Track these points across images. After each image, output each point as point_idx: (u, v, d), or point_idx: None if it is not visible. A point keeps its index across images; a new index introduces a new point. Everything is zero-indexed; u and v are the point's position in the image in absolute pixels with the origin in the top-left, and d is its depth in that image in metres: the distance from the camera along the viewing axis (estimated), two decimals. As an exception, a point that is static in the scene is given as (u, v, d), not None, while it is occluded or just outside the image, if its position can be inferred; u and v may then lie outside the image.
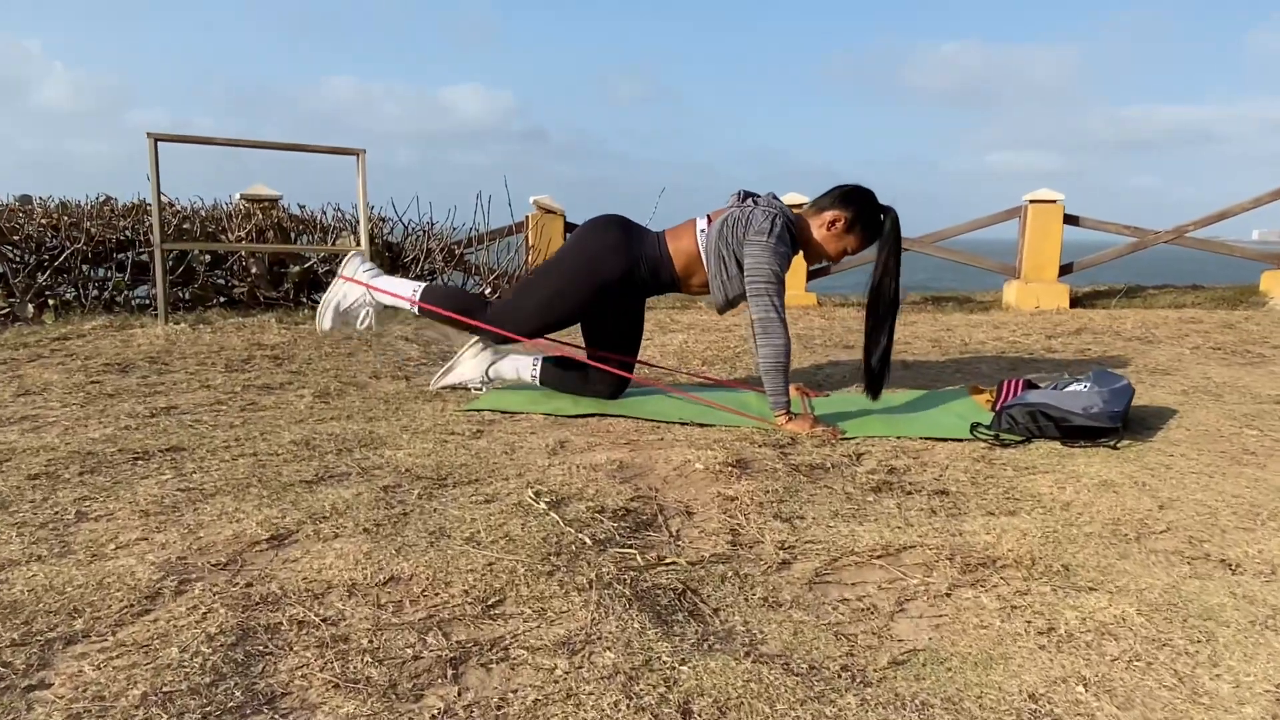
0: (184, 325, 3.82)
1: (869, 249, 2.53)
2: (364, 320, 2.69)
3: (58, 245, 4.52)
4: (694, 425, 2.39)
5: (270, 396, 2.63)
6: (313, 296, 4.89)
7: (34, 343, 3.41)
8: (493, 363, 2.77)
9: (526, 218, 6.29)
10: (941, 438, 2.27)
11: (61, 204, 4.85)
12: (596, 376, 2.66)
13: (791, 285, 5.88)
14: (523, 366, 2.76)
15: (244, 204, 5.27)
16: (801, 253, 2.54)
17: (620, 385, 2.67)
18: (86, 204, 4.90)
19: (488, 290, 5.43)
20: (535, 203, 6.25)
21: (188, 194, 6.77)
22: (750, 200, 2.48)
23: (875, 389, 2.55)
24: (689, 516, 1.66)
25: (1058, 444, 2.20)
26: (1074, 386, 2.37)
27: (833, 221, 2.47)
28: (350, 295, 2.68)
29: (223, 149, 4.36)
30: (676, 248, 2.52)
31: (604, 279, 2.51)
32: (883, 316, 2.49)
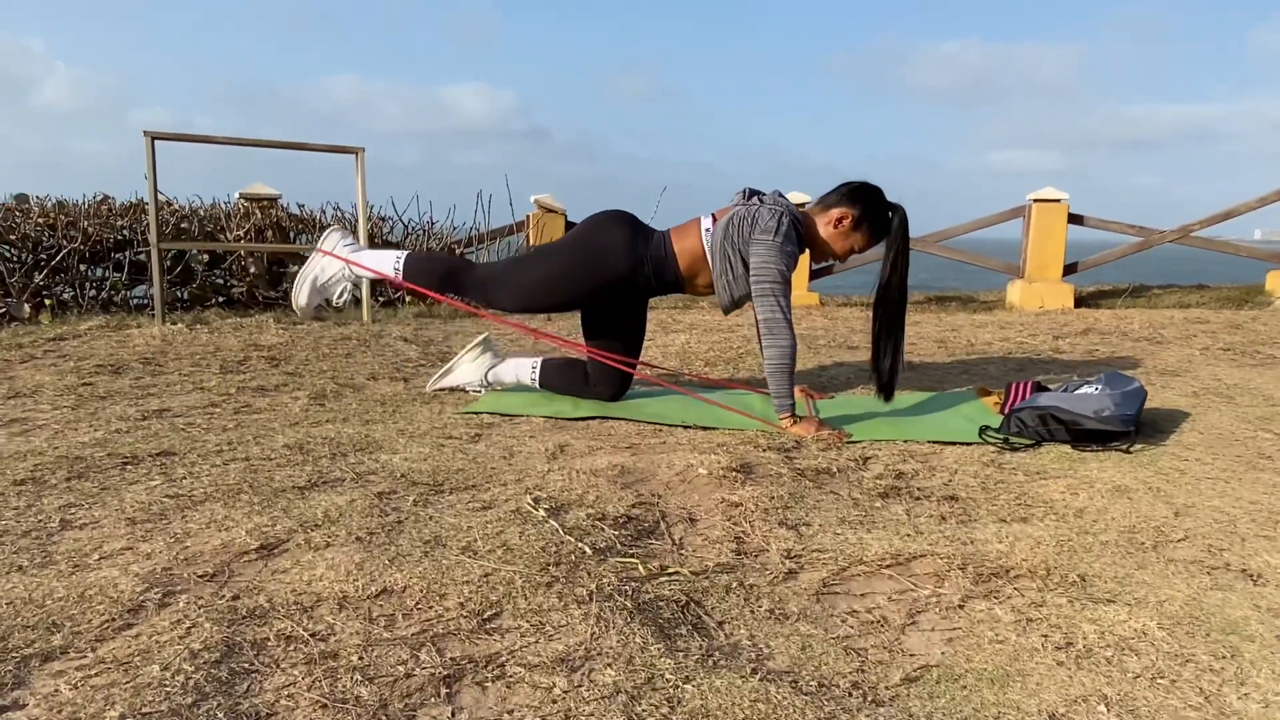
0: (181, 325, 3.77)
1: (875, 247, 2.49)
2: (341, 295, 2.63)
3: (54, 244, 4.48)
4: (697, 428, 2.35)
5: (265, 399, 2.58)
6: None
7: (28, 343, 3.36)
8: (492, 366, 2.72)
9: (528, 217, 6.24)
10: (950, 441, 2.23)
11: (59, 203, 4.82)
12: (597, 378, 2.61)
13: (794, 285, 5.83)
14: (522, 369, 2.71)
15: (243, 203, 5.23)
16: (807, 251, 2.49)
17: (622, 387, 2.62)
18: (84, 203, 4.87)
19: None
20: (536, 202, 6.20)
21: (186, 193, 6.73)
22: (756, 198, 2.43)
23: (888, 391, 2.48)
24: (692, 523, 1.61)
25: (1069, 448, 2.15)
26: (1085, 389, 2.32)
27: (839, 219, 2.42)
28: (329, 270, 2.60)
29: (221, 148, 4.32)
30: (681, 247, 2.47)
31: (608, 273, 2.46)
32: (892, 316, 2.43)
